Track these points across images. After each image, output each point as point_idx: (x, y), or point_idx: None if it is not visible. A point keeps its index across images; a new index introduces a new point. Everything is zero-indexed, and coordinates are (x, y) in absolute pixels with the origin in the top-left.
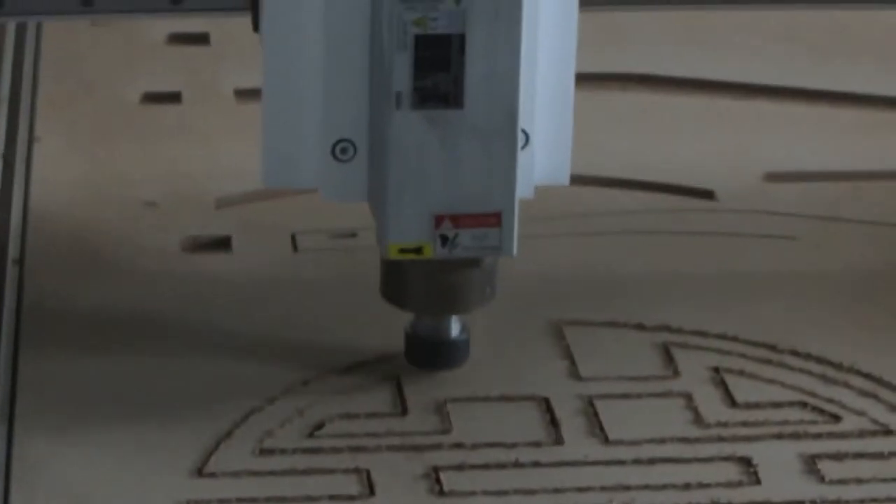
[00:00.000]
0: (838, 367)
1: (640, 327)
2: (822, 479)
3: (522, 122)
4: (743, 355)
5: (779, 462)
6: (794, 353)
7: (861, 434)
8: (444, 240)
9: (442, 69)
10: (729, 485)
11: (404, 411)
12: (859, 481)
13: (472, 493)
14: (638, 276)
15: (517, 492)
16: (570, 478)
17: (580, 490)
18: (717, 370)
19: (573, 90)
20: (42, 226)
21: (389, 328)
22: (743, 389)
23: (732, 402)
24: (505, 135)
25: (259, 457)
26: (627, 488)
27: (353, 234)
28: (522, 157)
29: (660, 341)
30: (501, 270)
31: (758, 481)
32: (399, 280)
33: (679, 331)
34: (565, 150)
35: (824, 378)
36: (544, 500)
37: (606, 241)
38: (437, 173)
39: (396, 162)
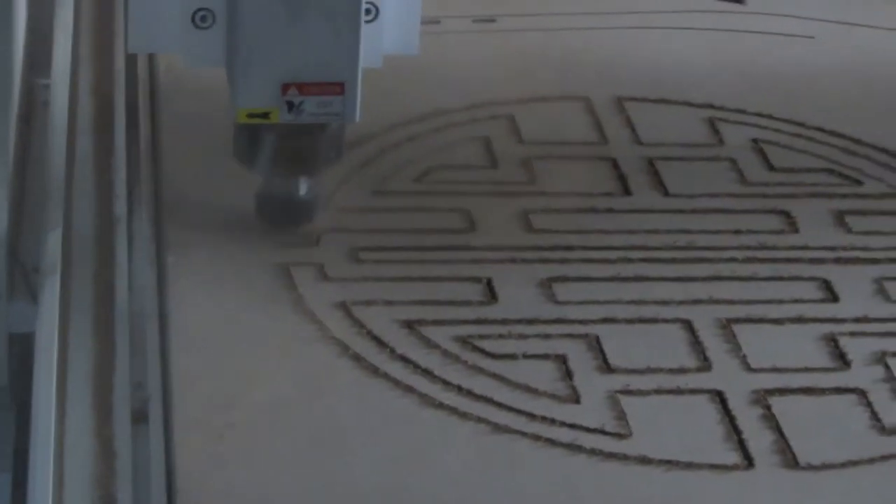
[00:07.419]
0: (858, 142)
1: (688, 104)
2: (850, 230)
3: None
4: (777, 130)
5: (813, 216)
6: (821, 130)
7: (881, 196)
8: (291, 106)
9: None
10: (772, 232)
11: (494, 164)
12: (881, 233)
13: (558, 231)
14: (685, 63)
15: (597, 231)
16: (640, 222)
17: (648, 232)
18: (755, 141)
19: None
20: None
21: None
22: (779, 157)
23: (771, 167)
24: (349, 10)
25: (376, 196)
26: (688, 232)
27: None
28: (370, 29)
29: (706, 116)
30: (574, 53)
31: (797, 230)
32: (249, 143)
33: (722, 108)
34: (414, 22)
35: (846, 150)
36: (620, 238)
37: (660, 34)
38: (284, 43)
39: (246, 31)
